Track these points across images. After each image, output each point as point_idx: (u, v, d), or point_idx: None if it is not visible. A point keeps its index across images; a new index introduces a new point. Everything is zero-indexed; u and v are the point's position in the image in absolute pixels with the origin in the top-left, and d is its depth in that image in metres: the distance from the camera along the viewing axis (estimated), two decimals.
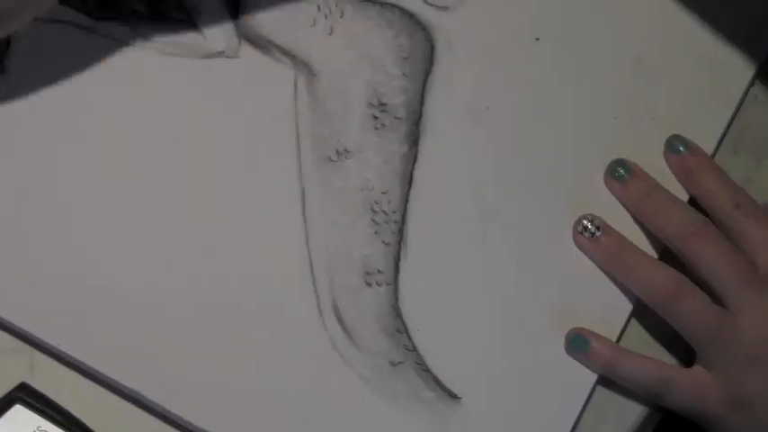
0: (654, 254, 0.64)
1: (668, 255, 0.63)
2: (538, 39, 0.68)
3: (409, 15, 0.67)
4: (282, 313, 0.59)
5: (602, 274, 0.63)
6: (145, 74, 0.63)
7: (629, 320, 0.63)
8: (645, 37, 0.69)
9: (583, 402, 0.61)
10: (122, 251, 0.59)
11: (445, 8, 0.67)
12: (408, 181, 0.63)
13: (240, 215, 0.61)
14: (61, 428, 0.55)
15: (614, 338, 0.62)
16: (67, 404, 0.56)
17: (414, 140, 0.64)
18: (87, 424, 0.56)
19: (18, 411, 0.55)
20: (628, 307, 0.62)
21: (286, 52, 0.64)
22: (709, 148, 0.67)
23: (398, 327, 0.59)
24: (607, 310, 0.63)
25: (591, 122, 0.67)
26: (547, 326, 0.61)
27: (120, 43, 0.63)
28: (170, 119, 0.62)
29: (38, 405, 0.55)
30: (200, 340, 0.57)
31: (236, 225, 0.60)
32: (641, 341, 0.64)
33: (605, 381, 0.62)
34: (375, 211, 0.62)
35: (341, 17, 0.66)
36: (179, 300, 0.58)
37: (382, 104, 0.64)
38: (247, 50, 0.64)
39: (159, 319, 0.58)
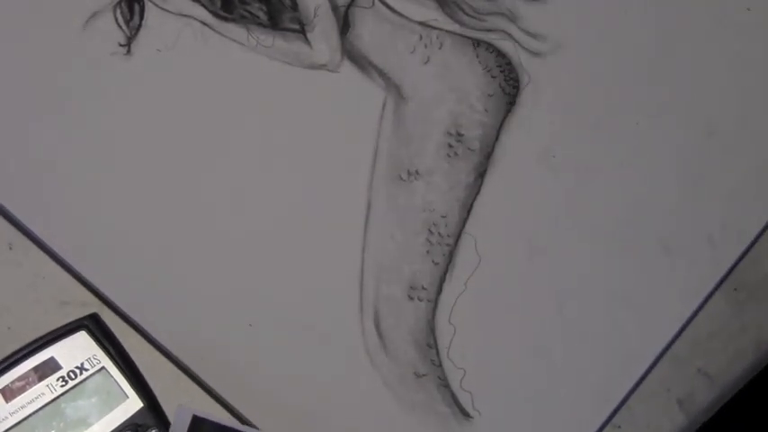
0: None
1: None
2: (620, 97, 0.71)
3: (503, 56, 0.71)
4: (326, 311, 0.64)
5: (626, 327, 0.66)
6: (251, 75, 0.69)
7: (651, 368, 0.66)
8: (720, 108, 0.71)
9: None
10: (198, 236, 0.65)
11: (538, 54, 0.71)
12: (468, 209, 0.67)
13: (308, 214, 0.66)
14: (114, 364, 0.60)
15: (632, 385, 0.65)
16: None
17: (481, 173, 0.68)
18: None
19: (81, 337, 0.60)
20: (648, 360, 0.65)
21: (382, 74, 0.69)
22: None
23: (429, 342, 0.64)
24: (627, 359, 0.65)
25: (651, 186, 0.70)
26: (569, 368, 0.64)
27: (235, 44, 0.69)
28: (265, 118, 0.68)
29: (100, 337, 0.60)
30: (243, 321, 0.63)
31: (303, 223, 0.66)
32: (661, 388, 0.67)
33: None
34: (431, 232, 0.66)
35: (439, 48, 0.70)
36: (235, 283, 0.64)
37: (459, 135, 0.69)
38: (347, 67, 0.70)
39: (216, 298, 0.64)
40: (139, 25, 0.69)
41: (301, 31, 0.70)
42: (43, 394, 0.58)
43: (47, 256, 0.64)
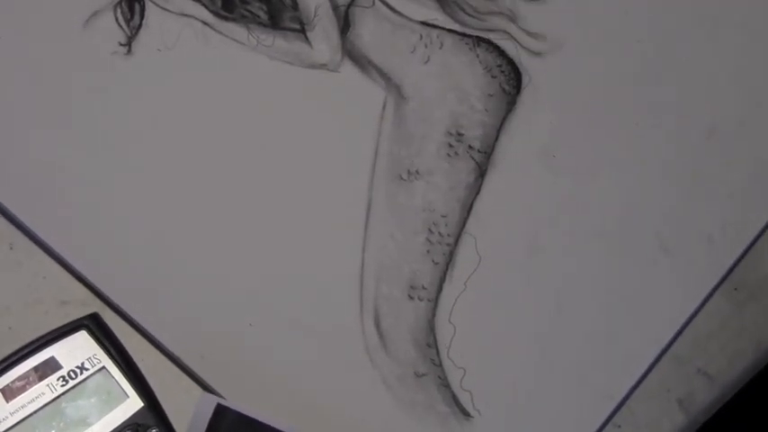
0: None
1: None
2: (620, 97, 0.71)
3: (503, 56, 0.71)
4: (326, 311, 0.64)
5: (626, 327, 0.66)
6: (251, 75, 0.69)
7: (651, 368, 0.66)
8: (720, 108, 0.71)
9: None
10: (198, 236, 0.65)
11: (538, 54, 0.71)
12: (468, 209, 0.67)
13: (309, 214, 0.66)
14: (114, 363, 0.59)
15: (632, 385, 0.65)
16: None
17: (481, 173, 0.68)
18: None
19: (81, 336, 0.60)
20: (648, 360, 0.65)
21: (382, 74, 0.69)
22: None
23: (429, 341, 0.64)
24: (627, 359, 0.66)
25: (651, 186, 0.70)
26: (569, 368, 0.65)
27: (235, 43, 0.69)
28: (265, 118, 0.68)
29: (100, 337, 0.60)
30: (243, 321, 0.63)
31: (304, 222, 0.66)
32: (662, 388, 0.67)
33: None
34: (431, 232, 0.66)
35: (440, 48, 0.70)
36: (235, 283, 0.64)
37: (460, 134, 0.68)
38: (347, 67, 0.69)
39: (217, 298, 0.64)
40: (140, 25, 0.69)
41: (302, 30, 0.70)
42: (43, 394, 0.58)
43: (47, 255, 0.64)
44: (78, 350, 0.59)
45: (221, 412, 0.60)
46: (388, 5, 0.70)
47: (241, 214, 0.65)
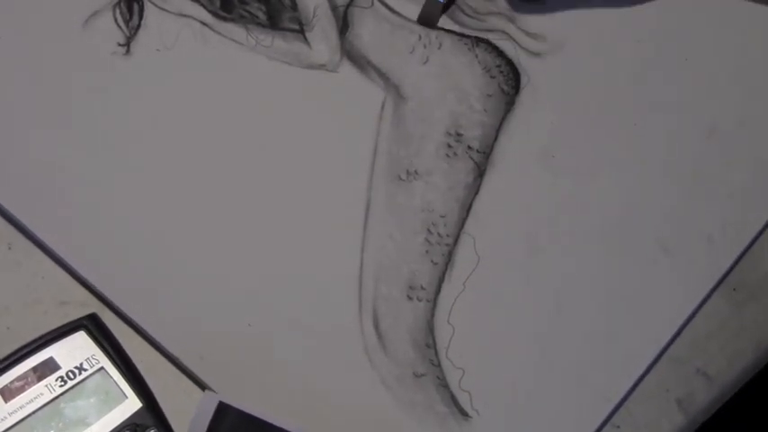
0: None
1: None
2: (619, 97, 0.71)
3: (502, 56, 0.71)
4: (325, 311, 0.64)
5: (625, 327, 0.66)
6: (250, 75, 0.69)
7: (650, 368, 0.66)
8: (720, 108, 0.71)
9: None
10: (197, 236, 0.65)
11: (537, 54, 0.71)
12: (467, 209, 0.67)
13: (308, 214, 0.66)
14: (113, 364, 0.60)
15: (631, 385, 0.65)
16: None
17: (480, 173, 0.68)
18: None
19: (80, 337, 0.60)
20: (647, 360, 0.65)
21: (381, 74, 0.69)
22: None
23: (428, 342, 0.64)
24: (626, 359, 0.65)
25: (651, 186, 0.70)
26: (567, 368, 0.64)
27: (234, 44, 0.69)
28: (264, 118, 0.68)
29: (99, 337, 0.61)
30: (243, 321, 0.63)
31: (303, 222, 0.66)
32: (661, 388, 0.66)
33: None
34: (430, 232, 0.66)
35: (438, 48, 0.70)
36: (235, 283, 0.64)
37: (459, 135, 0.69)
38: (346, 67, 0.70)
39: (216, 298, 0.64)
40: (139, 25, 0.69)
41: (300, 30, 0.70)
42: (42, 394, 0.58)
43: (46, 256, 0.64)
44: (77, 350, 0.59)
45: (223, 410, 0.60)
46: (387, 6, 0.71)
47: (240, 214, 0.65)
